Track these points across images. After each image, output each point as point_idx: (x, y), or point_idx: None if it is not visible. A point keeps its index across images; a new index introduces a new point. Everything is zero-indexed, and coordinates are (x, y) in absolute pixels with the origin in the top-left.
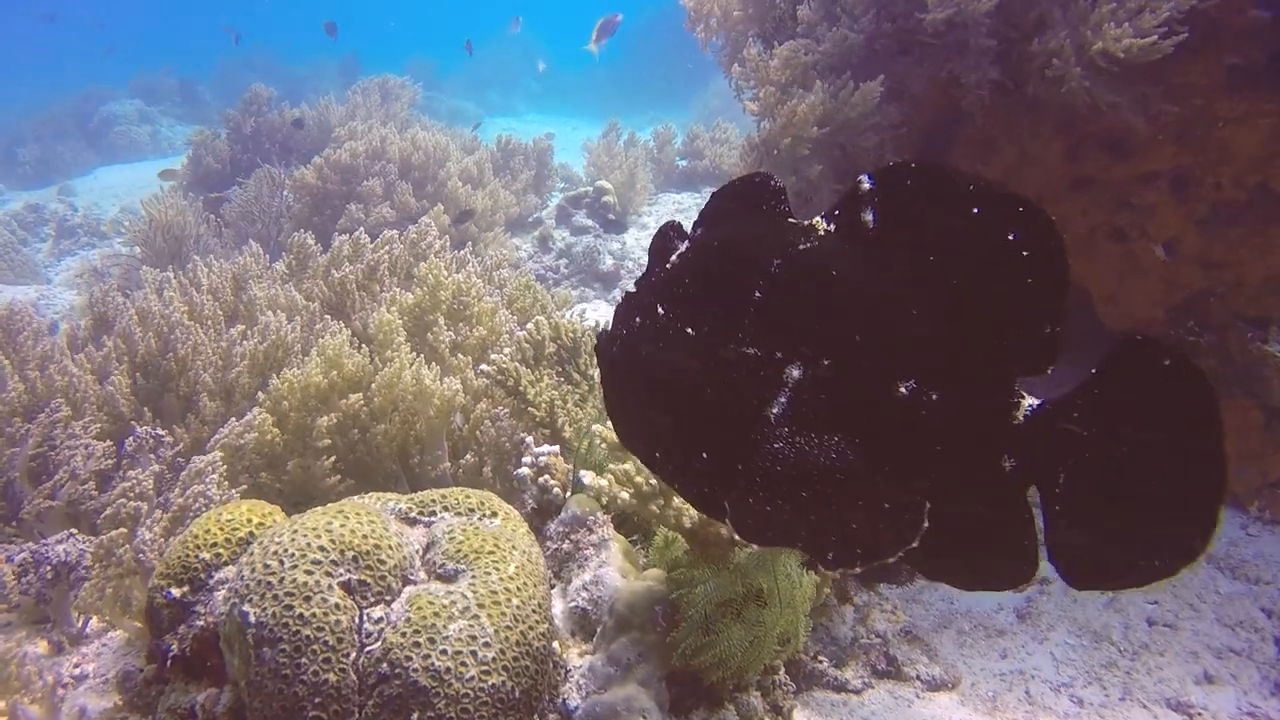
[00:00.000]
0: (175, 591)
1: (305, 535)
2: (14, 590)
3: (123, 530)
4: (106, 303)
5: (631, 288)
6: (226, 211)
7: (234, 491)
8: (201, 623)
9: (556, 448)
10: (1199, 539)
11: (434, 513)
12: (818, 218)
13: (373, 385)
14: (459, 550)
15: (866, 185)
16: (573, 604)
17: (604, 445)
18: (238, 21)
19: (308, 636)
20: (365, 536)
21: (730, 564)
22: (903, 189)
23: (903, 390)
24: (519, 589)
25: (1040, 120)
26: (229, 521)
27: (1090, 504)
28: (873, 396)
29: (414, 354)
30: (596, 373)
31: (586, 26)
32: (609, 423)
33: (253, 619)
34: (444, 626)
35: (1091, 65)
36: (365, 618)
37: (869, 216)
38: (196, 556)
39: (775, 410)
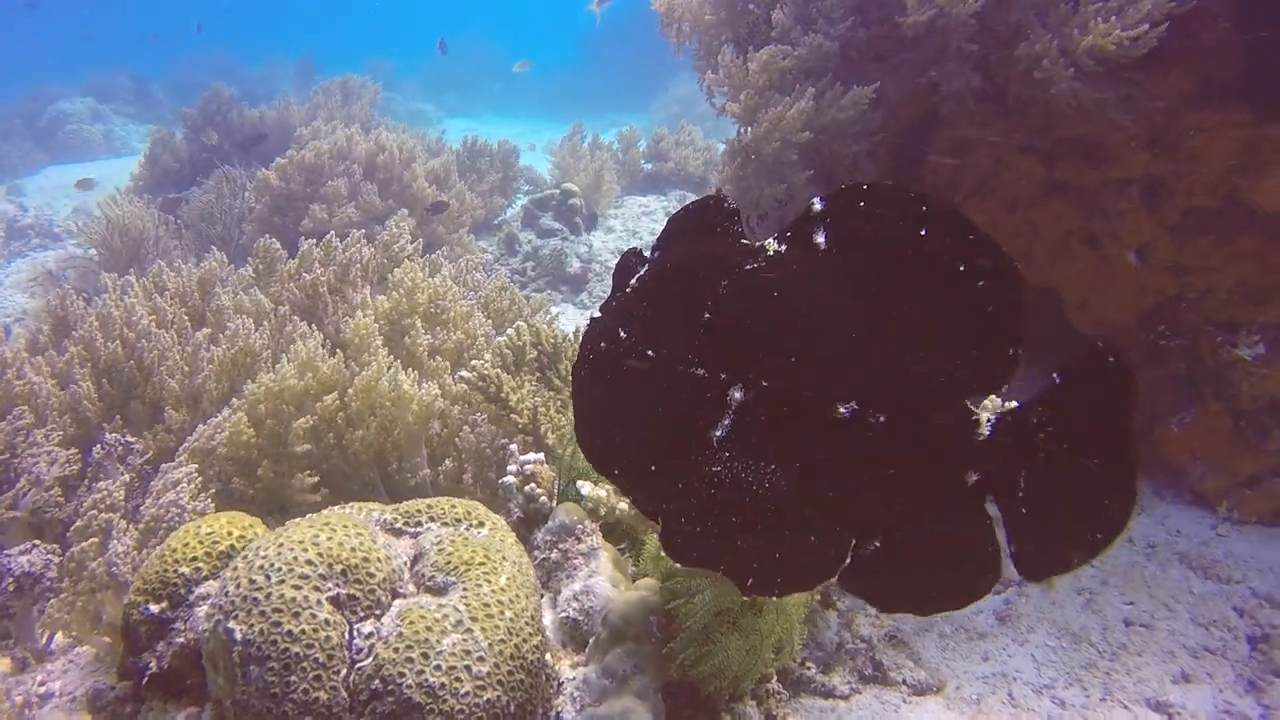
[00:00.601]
0: (154, 607)
1: (292, 549)
2: None
3: (94, 541)
4: (66, 307)
5: (597, 312)
6: (186, 213)
7: (208, 500)
8: (182, 640)
9: (541, 455)
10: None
11: (420, 523)
12: (769, 239)
13: (349, 390)
14: (448, 562)
15: (818, 206)
16: (563, 615)
17: None
18: (193, 19)
19: (297, 654)
20: (353, 549)
21: None
22: (854, 210)
23: (841, 411)
24: (511, 601)
25: (1016, 126)
26: (209, 535)
27: (1044, 503)
28: (810, 420)
29: (391, 358)
30: None
31: (544, 30)
32: None
33: (239, 636)
34: (437, 641)
35: (1077, 65)
36: (355, 633)
37: (820, 238)
38: (175, 571)
39: (719, 433)
